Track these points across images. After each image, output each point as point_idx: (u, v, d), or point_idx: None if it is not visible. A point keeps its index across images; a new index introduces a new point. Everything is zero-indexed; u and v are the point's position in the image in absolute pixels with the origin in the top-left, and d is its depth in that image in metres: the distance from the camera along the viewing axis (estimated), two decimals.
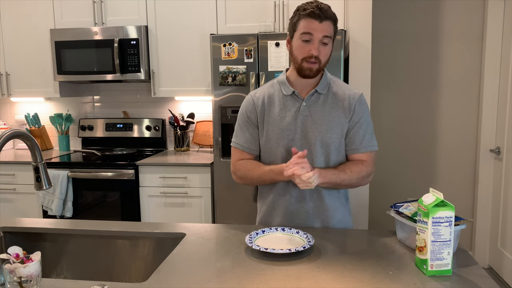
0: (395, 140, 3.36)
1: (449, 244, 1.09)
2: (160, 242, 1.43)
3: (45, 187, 1.25)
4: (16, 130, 1.17)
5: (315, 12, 1.37)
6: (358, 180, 1.48)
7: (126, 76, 3.05)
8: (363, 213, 2.71)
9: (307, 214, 1.52)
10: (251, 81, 2.64)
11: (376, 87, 3.21)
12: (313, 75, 1.44)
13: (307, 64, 1.41)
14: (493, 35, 3.05)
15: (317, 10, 1.37)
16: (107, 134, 3.44)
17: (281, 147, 1.49)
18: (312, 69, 1.42)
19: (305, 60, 1.41)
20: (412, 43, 3.25)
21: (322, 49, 1.40)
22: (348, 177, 1.45)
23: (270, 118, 1.51)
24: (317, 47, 1.39)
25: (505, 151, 2.95)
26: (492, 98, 3.10)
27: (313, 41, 1.39)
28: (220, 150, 2.74)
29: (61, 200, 2.86)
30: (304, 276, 1.10)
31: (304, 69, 1.43)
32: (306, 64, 1.42)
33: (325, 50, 1.42)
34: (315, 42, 1.39)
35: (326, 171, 1.42)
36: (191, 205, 2.87)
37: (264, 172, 1.48)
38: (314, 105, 1.48)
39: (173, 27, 3.03)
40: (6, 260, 0.99)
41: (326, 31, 1.39)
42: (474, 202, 3.30)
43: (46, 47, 3.18)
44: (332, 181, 1.43)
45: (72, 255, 1.47)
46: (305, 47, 1.40)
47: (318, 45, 1.39)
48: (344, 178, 1.44)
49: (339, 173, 1.44)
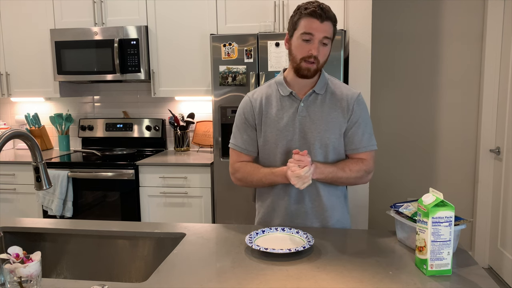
0: (395, 140, 3.36)
1: (449, 244, 1.09)
2: (160, 242, 1.43)
3: (45, 187, 1.25)
4: (16, 130, 1.17)
5: (317, 12, 1.37)
6: (356, 180, 1.49)
7: (126, 76, 3.05)
8: (363, 213, 2.71)
9: (306, 214, 1.52)
10: (251, 81, 2.64)
11: (376, 87, 3.21)
12: (311, 75, 1.44)
13: (305, 64, 1.41)
14: (493, 35, 3.05)
15: (319, 10, 1.37)
16: (107, 134, 3.44)
17: (279, 148, 1.49)
18: (310, 69, 1.42)
19: (304, 60, 1.41)
20: (412, 43, 3.25)
21: (321, 50, 1.40)
22: (346, 175, 1.46)
23: (268, 119, 1.50)
24: (317, 47, 1.39)
25: (505, 151, 2.95)
26: (492, 98, 3.10)
27: (313, 41, 1.38)
28: (220, 150, 2.75)
29: (61, 200, 2.86)
30: (304, 276, 1.10)
31: (302, 69, 1.42)
32: (304, 64, 1.41)
33: (324, 50, 1.41)
34: (315, 42, 1.39)
35: (325, 167, 1.43)
36: (191, 205, 2.88)
37: (264, 174, 1.48)
38: (312, 106, 1.48)
39: (173, 27, 3.03)
40: (6, 260, 1.00)
41: (327, 31, 1.39)
42: (474, 202, 3.30)
43: (46, 47, 3.18)
44: (329, 178, 1.44)
45: (72, 255, 1.47)
46: (305, 47, 1.40)
47: (318, 45, 1.39)
48: (342, 176, 1.45)
49: (337, 171, 1.44)
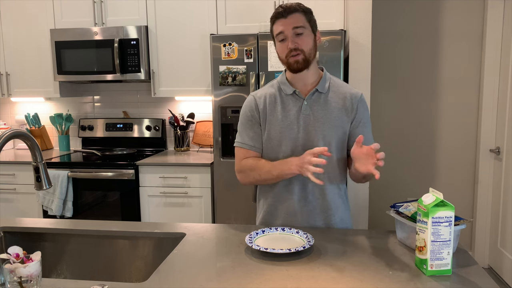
0: (395, 140, 3.36)
1: (449, 244, 1.09)
2: (160, 242, 1.43)
3: (45, 187, 1.25)
4: (16, 130, 1.17)
5: (279, 12, 1.45)
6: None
7: (126, 76, 3.05)
8: (363, 213, 2.71)
9: (310, 213, 1.52)
10: (251, 81, 2.64)
11: (376, 87, 3.21)
12: (302, 66, 1.46)
13: (291, 58, 1.45)
14: (493, 35, 3.05)
15: (281, 9, 1.45)
16: (107, 134, 3.44)
17: (283, 146, 1.50)
18: (298, 61, 1.45)
19: (288, 57, 1.45)
20: (412, 43, 3.25)
21: (298, 40, 1.44)
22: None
23: (272, 118, 1.52)
24: (292, 40, 1.43)
25: (505, 151, 2.95)
26: (492, 98, 3.10)
27: (287, 36, 1.44)
28: (220, 150, 2.74)
29: (61, 200, 2.86)
30: (304, 276, 1.10)
31: (291, 64, 1.46)
32: (291, 59, 1.45)
33: (302, 39, 1.44)
34: (288, 36, 1.44)
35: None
36: (191, 205, 2.88)
37: (274, 164, 1.47)
38: (316, 104, 1.50)
39: (173, 27, 3.03)
40: (6, 260, 1.00)
41: (294, 22, 1.43)
42: (474, 202, 3.30)
43: (46, 47, 3.18)
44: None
45: (72, 255, 1.47)
46: (283, 46, 1.46)
47: (292, 38, 1.43)
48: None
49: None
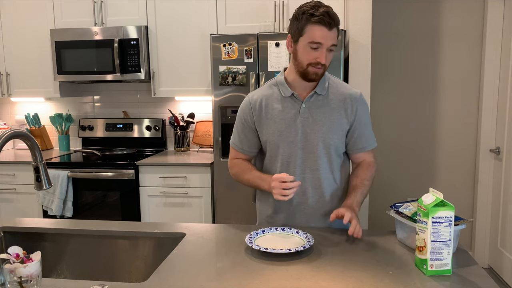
0: (395, 140, 3.36)
1: (449, 244, 1.09)
2: (160, 242, 1.43)
3: (45, 187, 1.25)
4: (16, 130, 1.17)
5: (325, 20, 1.34)
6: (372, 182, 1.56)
7: (126, 76, 3.05)
8: (363, 213, 2.71)
9: (310, 213, 1.53)
10: (251, 81, 2.64)
11: (376, 87, 3.21)
12: (318, 79, 1.45)
13: (313, 68, 1.41)
14: (493, 35, 3.05)
15: (327, 17, 1.34)
16: (107, 134, 3.44)
17: (281, 149, 1.50)
18: (317, 74, 1.42)
19: (311, 65, 1.41)
20: (412, 43, 3.25)
21: (328, 56, 1.41)
22: (368, 187, 1.52)
23: (268, 121, 1.51)
24: (325, 56, 1.39)
25: (505, 151, 2.95)
26: (492, 98, 3.09)
27: (322, 49, 1.38)
28: (220, 150, 2.74)
29: (61, 200, 2.86)
30: (304, 276, 1.10)
31: (310, 74, 1.42)
32: (312, 69, 1.41)
33: (330, 56, 1.42)
34: (323, 50, 1.38)
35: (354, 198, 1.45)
36: (191, 205, 2.88)
37: (254, 177, 1.51)
38: (314, 107, 1.49)
39: (173, 27, 3.03)
40: (6, 260, 0.99)
41: (334, 39, 1.39)
42: (474, 202, 3.30)
43: (46, 47, 3.18)
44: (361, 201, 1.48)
45: (72, 255, 1.47)
46: (312, 54, 1.39)
47: (326, 53, 1.39)
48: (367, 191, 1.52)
49: (362, 191, 1.48)
